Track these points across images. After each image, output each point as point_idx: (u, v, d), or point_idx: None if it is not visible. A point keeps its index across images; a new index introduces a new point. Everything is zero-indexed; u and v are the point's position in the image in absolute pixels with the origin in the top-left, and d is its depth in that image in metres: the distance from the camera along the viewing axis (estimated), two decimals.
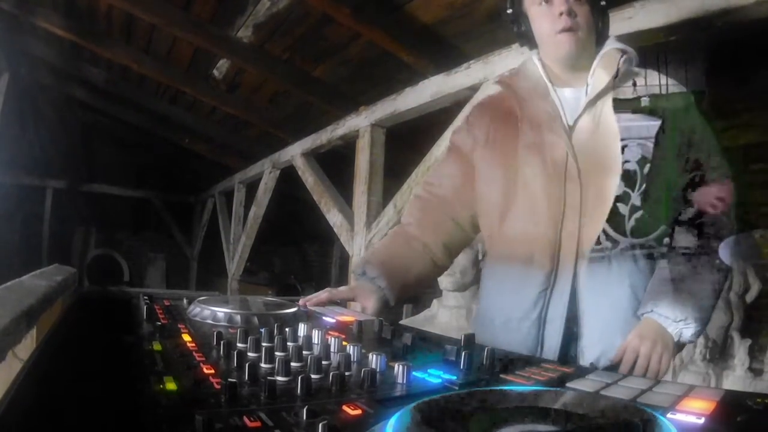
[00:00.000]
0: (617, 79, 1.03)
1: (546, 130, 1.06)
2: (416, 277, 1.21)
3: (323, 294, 1.12)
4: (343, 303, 1.17)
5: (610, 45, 1.07)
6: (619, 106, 1.03)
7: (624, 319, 1.02)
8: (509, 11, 1.13)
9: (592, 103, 1.03)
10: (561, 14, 1.00)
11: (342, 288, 1.17)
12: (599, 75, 1.03)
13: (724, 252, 1.00)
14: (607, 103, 1.03)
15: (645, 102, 1.04)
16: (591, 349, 1.02)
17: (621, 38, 1.48)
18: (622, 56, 1.03)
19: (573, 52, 1.04)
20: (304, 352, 0.60)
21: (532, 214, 1.06)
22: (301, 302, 1.08)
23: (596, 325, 1.02)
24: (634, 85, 1.04)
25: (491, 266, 1.19)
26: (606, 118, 1.02)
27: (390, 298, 1.15)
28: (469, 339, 0.71)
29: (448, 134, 2.10)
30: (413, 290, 1.27)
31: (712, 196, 1.01)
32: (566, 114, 1.06)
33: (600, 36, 1.08)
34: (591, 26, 1.04)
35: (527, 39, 1.12)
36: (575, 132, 1.04)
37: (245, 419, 0.40)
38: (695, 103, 1.07)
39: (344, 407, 0.44)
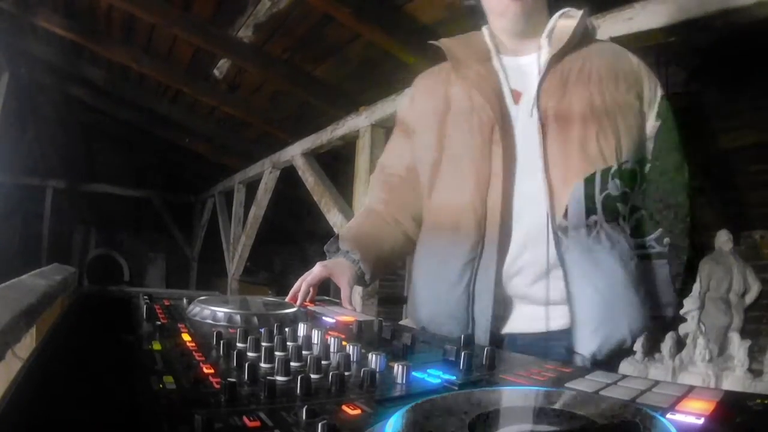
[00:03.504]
0: (577, 39, 1.00)
1: (476, 95, 1.02)
2: (390, 250, 1.17)
3: (302, 287, 1.04)
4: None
5: (564, 9, 1.03)
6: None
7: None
8: None
9: (556, 60, 0.98)
10: None
11: (314, 271, 1.08)
12: (557, 35, 0.99)
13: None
14: (571, 61, 0.99)
15: None
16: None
17: (621, 38, 1.47)
18: (579, 18, 1.00)
19: (520, 17, 1.00)
20: (303, 352, 0.60)
21: (457, 182, 1.02)
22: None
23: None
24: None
25: (422, 239, 1.14)
26: (574, 76, 0.98)
27: (366, 271, 1.10)
28: (469, 339, 0.71)
29: None
30: (388, 265, 1.22)
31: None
32: (509, 80, 1.02)
33: (552, 2, 1.03)
34: None
35: (477, 12, 1.08)
36: (542, 94, 0.98)
37: (245, 419, 0.40)
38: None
39: (344, 407, 0.44)
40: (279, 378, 0.51)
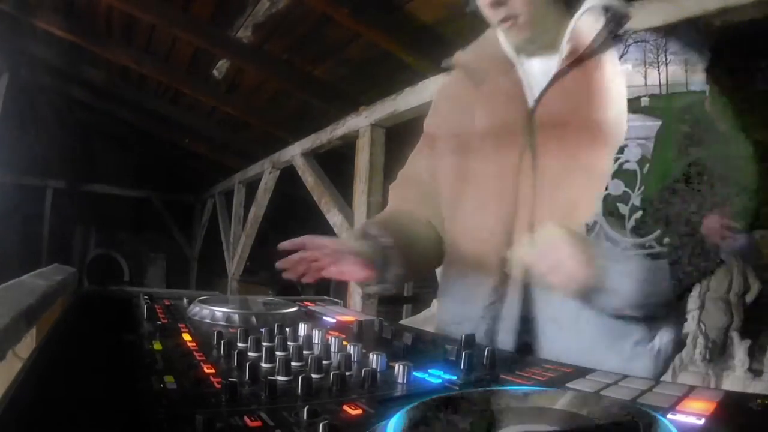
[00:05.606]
0: (602, 43, 0.86)
1: (502, 112, 0.90)
2: (423, 249, 1.01)
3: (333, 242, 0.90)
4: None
5: (591, 2, 0.87)
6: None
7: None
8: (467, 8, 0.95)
9: (564, 73, 0.86)
10: (490, 5, 0.85)
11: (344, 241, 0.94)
12: (576, 39, 0.85)
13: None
14: (595, 69, 0.86)
15: (645, 102, 1.04)
16: None
17: (619, 37, 1.46)
18: (606, 14, 0.86)
19: (522, 38, 0.88)
20: (304, 352, 0.60)
21: (480, 212, 0.90)
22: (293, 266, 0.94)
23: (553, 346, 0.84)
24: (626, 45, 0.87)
25: (446, 263, 1.02)
26: (591, 86, 0.85)
27: (395, 259, 0.91)
28: (470, 339, 0.71)
29: None
30: (420, 265, 1.02)
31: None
32: (533, 89, 0.90)
33: None
34: (535, 1, 0.84)
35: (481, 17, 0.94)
36: (540, 109, 0.87)
37: (246, 419, 0.40)
38: (696, 103, 1.07)
39: (345, 407, 0.44)
40: (280, 378, 0.51)
